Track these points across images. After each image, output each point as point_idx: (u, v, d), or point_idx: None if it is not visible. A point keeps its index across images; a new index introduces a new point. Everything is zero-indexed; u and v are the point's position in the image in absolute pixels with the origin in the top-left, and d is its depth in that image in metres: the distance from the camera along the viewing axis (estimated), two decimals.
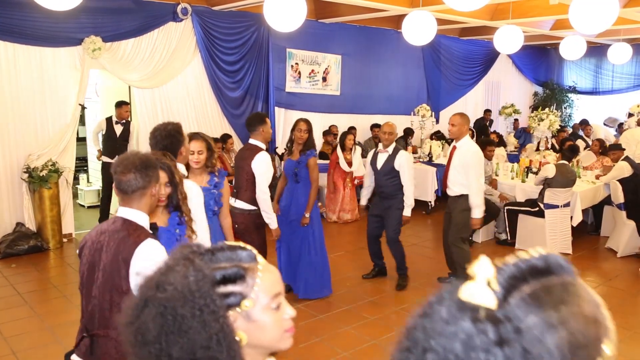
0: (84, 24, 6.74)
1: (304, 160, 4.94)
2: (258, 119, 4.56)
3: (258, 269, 1.03)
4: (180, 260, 0.96)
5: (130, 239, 2.11)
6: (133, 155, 2.19)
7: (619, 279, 6.02)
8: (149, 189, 2.17)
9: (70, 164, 7.00)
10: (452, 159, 5.35)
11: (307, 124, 4.96)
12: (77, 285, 5.48)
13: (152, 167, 2.19)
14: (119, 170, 2.14)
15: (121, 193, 2.17)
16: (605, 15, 5.27)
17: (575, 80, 14.50)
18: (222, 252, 1.02)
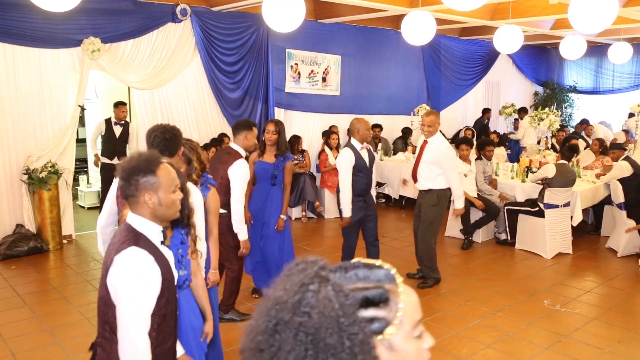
0: (83, 25, 6.75)
1: (281, 163, 4.90)
2: (245, 125, 4.50)
3: (399, 292, 0.90)
4: (314, 278, 0.84)
5: (117, 246, 2.01)
6: (127, 159, 2.08)
7: (619, 279, 6.01)
8: (139, 197, 2.02)
9: (70, 165, 7.01)
10: (422, 154, 5.47)
11: (276, 125, 4.91)
12: (76, 286, 5.52)
13: (142, 173, 2.01)
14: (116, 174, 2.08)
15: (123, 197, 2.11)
16: (605, 15, 5.25)
17: (576, 80, 14.47)
18: (356, 270, 0.89)
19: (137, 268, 1.94)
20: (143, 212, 2.05)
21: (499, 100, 13.43)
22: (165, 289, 2.02)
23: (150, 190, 2.02)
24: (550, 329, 4.69)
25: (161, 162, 2.07)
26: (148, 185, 2.01)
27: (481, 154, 7.41)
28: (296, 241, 7.19)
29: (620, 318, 4.97)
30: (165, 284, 2.02)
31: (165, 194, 2.05)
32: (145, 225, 2.06)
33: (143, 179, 2.00)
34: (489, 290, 5.56)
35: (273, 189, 4.98)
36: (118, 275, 1.94)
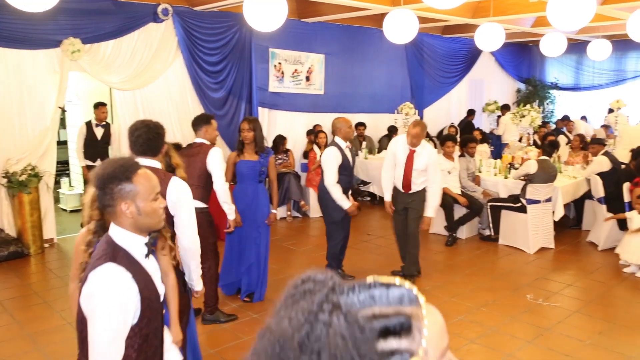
0: (63, 25, 6.67)
1: (266, 159, 4.93)
2: (203, 120, 4.57)
3: (423, 315, 0.76)
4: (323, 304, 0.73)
5: (93, 261, 1.87)
6: (102, 166, 1.95)
7: (599, 272, 6.09)
8: (116, 207, 1.89)
9: (50, 168, 6.92)
10: (413, 163, 5.42)
11: (249, 122, 4.89)
12: (58, 291, 5.46)
13: (117, 180, 1.88)
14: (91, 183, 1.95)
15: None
16: (583, 12, 5.32)
17: (557, 77, 14.64)
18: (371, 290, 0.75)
19: (111, 287, 1.80)
20: (123, 223, 1.92)
21: (482, 97, 13.53)
22: (146, 308, 1.89)
23: (128, 199, 1.88)
24: (532, 322, 4.75)
25: (139, 168, 1.93)
26: (124, 194, 1.88)
27: (464, 151, 7.47)
28: (281, 241, 7.21)
29: (601, 310, 5.04)
30: (146, 303, 1.89)
31: (145, 202, 1.92)
32: (126, 237, 1.92)
33: (118, 187, 1.87)
34: (473, 286, 5.61)
35: (260, 186, 5.00)
36: (90, 294, 1.81)
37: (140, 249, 1.95)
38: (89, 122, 7.74)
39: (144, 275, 1.92)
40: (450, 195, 7.06)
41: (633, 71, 13.26)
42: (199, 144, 4.49)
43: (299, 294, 0.77)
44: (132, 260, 1.89)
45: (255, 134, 4.87)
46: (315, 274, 0.80)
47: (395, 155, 5.54)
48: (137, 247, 1.95)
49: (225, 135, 8.55)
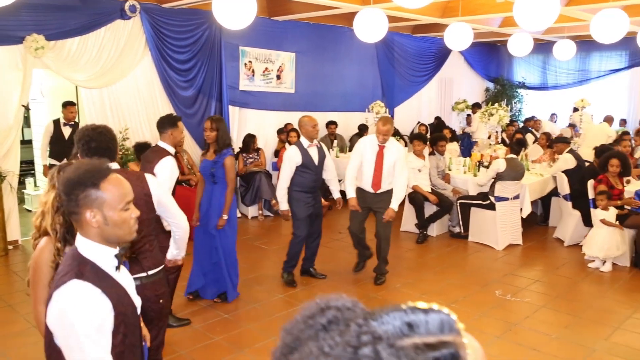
0: (25, 21, 6.49)
1: (220, 160, 4.78)
2: (168, 122, 4.31)
3: (465, 344, 0.68)
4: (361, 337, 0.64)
5: (58, 278, 1.72)
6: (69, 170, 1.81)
7: (565, 267, 6.23)
8: (81, 215, 1.74)
9: (14, 168, 6.74)
10: (383, 160, 5.41)
11: (212, 122, 4.81)
12: (23, 293, 5.31)
13: (82, 186, 1.73)
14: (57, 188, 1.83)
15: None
16: (547, 13, 5.44)
17: (524, 76, 14.91)
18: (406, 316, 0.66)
19: (79, 306, 1.64)
20: (89, 233, 1.77)
21: (452, 96, 13.71)
22: (121, 323, 1.75)
23: (93, 207, 1.73)
24: (501, 318, 4.82)
25: (109, 174, 1.77)
26: (90, 201, 1.73)
27: (434, 149, 7.54)
28: (253, 240, 7.17)
29: (567, 305, 5.15)
30: (120, 318, 1.75)
31: (113, 211, 1.76)
32: (94, 249, 1.77)
33: (84, 194, 1.72)
34: (443, 283, 5.67)
35: (215, 187, 4.85)
36: (56, 315, 1.66)
37: (109, 261, 1.80)
38: (57, 120, 7.55)
39: (117, 288, 1.78)
40: (420, 193, 7.13)
41: (597, 71, 13.60)
42: (160, 149, 4.22)
43: (320, 325, 0.69)
44: (101, 274, 1.74)
45: (218, 134, 4.77)
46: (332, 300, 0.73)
47: (363, 155, 5.49)
48: (106, 259, 1.79)
49: (195, 135, 8.46)
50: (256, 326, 4.61)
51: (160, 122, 4.37)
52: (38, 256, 2.17)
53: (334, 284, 5.58)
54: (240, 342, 4.31)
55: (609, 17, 6.53)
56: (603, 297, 5.37)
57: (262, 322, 4.69)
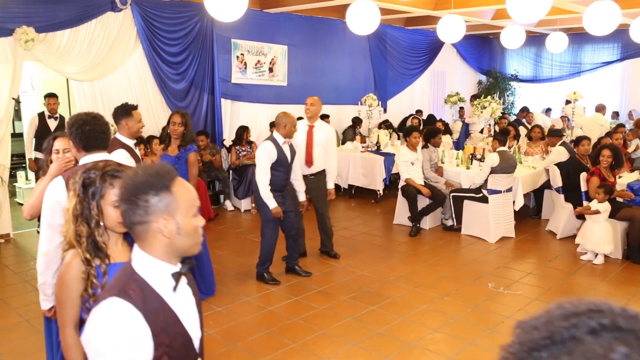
0: (15, 13, 6.42)
1: (183, 156, 4.70)
2: (122, 112, 4.06)
3: None
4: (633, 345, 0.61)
5: (104, 292, 1.55)
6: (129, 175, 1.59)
7: (558, 260, 6.26)
8: (150, 224, 1.52)
9: (5, 161, 6.69)
10: (312, 138, 5.79)
11: (182, 117, 4.71)
12: (15, 287, 5.28)
13: (153, 190, 1.51)
14: (118, 195, 1.59)
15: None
16: (540, 5, 5.44)
17: (517, 69, 14.94)
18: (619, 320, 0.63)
19: (110, 329, 1.44)
20: (154, 246, 1.54)
21: (445, 89, 13.71)
22: (162, 356, 1.50)
23: (166, 214, 1.52)
24: (494, 311, 4.84)
25: (176, 175, 1.58)
26: (162, 207, 1.52)
27: (430, 142, 7.52)
28: (246, 233, 7.16)
29: (559, 297, 5.14)
30: (163, 350, 1.50)
31: (185, 217, 1.55)
32: (152, 265, 1.55)
33: (155, 199, 1.51)
34: (436, 276, 5.68)
35: None
36: (86, 335, 1.49)
37: (165, 280, 1.56)
38: (41, 113, 7.48)
39: (166, 314, 1.53)
40: (413, 186, 7.13)
41: (589, 64, 13.64)
42: (115, 141, 3.91)
43: (588, 327, 0.66)
44: (150, 296, 1.51)
45: (185, 129, 4.70)
46: (574, 305, 0.70)
47: (297, 139, 5.63)
48: (162, 278, 1.56)
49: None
50: (249, 319, 4.60)
51: (114, 112, 4.16)
52: (63, 272, 2.01)
53: (327, 277, 5.58)
54: (234, 336, 4.31)
55: (602, 9, 6.54)
56: (595, 290, 5.40)
57: (255, 316, 4.69)
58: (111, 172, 2.05)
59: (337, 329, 4.43)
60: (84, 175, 2.04)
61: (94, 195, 2.02)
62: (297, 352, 4.07)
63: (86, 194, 2.02)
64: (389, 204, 8.55)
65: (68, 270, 2.00)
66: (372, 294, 5.17)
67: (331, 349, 4.10)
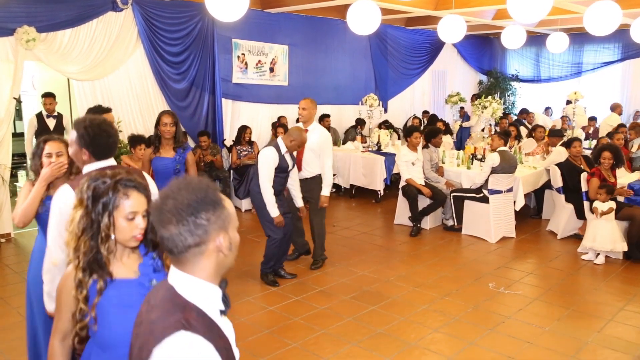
0: (16, 13, 6.42)
1: (182, 156, 4.66)
2: (95, 113, 3.91)
3: None
4: None
5: (159, 326, 1.35)
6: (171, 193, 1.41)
7: (558, 260, 6.25)
8: (209, 244, 1.40)
9: (6, 161, 6.69)
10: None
11: (173, 117, 4.64)
12: (15, 286, 5.29)
13: (211, 207, 1.40)
14: (156, 219, 1.41)
15: (167, 252, 1.44)
16: (540, 5, 5.44)
17: (518, 69, 14.94)
18: None
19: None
20: (205, 268, 1.41)
21: (445, 89, 13.71)
22: None
23: (223, 230, 1.41)
24: (494, 310, 4.84)
25: (217, 187, 1.45)
26: (220, 224, 1.40)
27: (430, 142, 7.52)
28: (246, 233, 7.16)
29: (559, 297, 5.18)
30: None
31: (234, 231, 1.47)
32: (201, 289, 1.41)
33: (214, 215, 1.39)
34: (436, 276, 5.68)
35: None
36: None
37: (216, 304, 1.45)
38: (39, 113, 7.51)
39: (224, 341, 1.43)
40: (414, 186, 7.13)
41: (590, 64, 13.63)
42: None
43: None
44: (209, 324, 1.39)
45: (176, 129, 4.65)
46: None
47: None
48: (214, 302, 1.44)
49: (188, 128, 8.43)
50: (250, 319, 4.61)
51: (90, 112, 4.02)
52: (62, 283, 1.93)
53: (328, 277, 5.58)
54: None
55: (602, 9, 6.54)
56: (596, 290, 5.40)
57: (256, 315, 4.70)
58: (125, 182, 1.88)
59: (337, 328, 4.43)
60: (94, 184, 1.87)
61: (105, 207, 1.85)
62: (298, 351, 4.07)
63: (96, 205, 1.85)
64: (390, 204, 8.55)
65: (65, 282, 1.91)
66: (373, 293, 5.17)
67: (331, 348, 4.10)
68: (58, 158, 2.98)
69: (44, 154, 3.00)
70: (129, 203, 1.86)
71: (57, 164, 2.92)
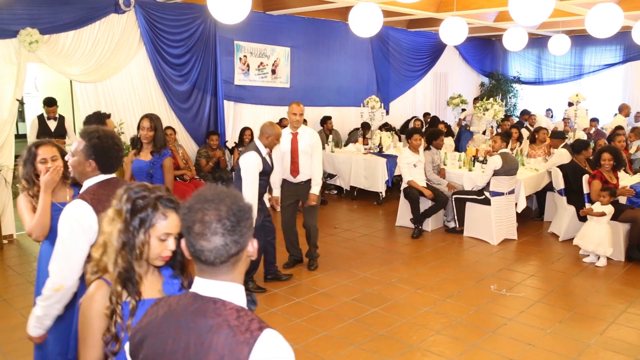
0: (19, 15, 6.45)
1: (158, 161, 4.62)
2: (96, 120, 3.89)
3: None
4: None
5: (235, 335, 1.35)
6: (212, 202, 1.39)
7: (560, 262, 6.25)
8: (245, 250, 1.43)
9: (9, 162, 6.71)
10: (298, 146, 5.60)
11: (151, 121, 4.59)
12: (18, 287, 5.30)
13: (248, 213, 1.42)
14: (198, 232, 1.38)
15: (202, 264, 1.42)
16: (542, 7, 5.44)
17: (519, 71, 14.94)
18: None
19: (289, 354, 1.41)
20: (239, 272, 1.44)
21: (447, 91, 13.72)
22: None
23: (251, 236, 1.45)
24: (496, 313, 4.84)
25: None
26: (251, 230, 1.44)
27: (432, 144, 7.52)
28: None
29: (561, 299, 5.18)
30: None
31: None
32: (241, 293, 1.45)
33: (249, 223, 1.42)
34: (438, 278, 5.68)
35: None
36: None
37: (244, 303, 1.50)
38: (41, 115, 7.53)
39: None
40: (416, 188, 7.14)
41: (591, 66, 13.64)
42: None
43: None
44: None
45: (155, 133, 4.60)
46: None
47: (280, 146, 5.55)
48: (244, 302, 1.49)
49: (191, 129, 8.46)
50: None
51: (87, 121, 3.89)
52: (86, 307, 1.80)
53: (330, 279, 5.59)
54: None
55: (604, 11, 6.54)
56: (598, 292, 5.39)
57: None
58: (165, 201, 1.82)
59: (339, 330, 4.44)
60: (134, 197, 1.80)
61: (142, 223, 1.77)
62: (300, 353, 4.07)
63: (133, 220, 1.77)
64: (391, 206, 8.55)
65: (91, 304, 1.79)
66: (375, 295, 5.17)
67: (333, 350, 4.11)
68: (54, 162, 2.89)
69: (37, 159, 2.91)
70: (165, 224, 1.80)
71: (55, 168, 2.83)
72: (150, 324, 1.47)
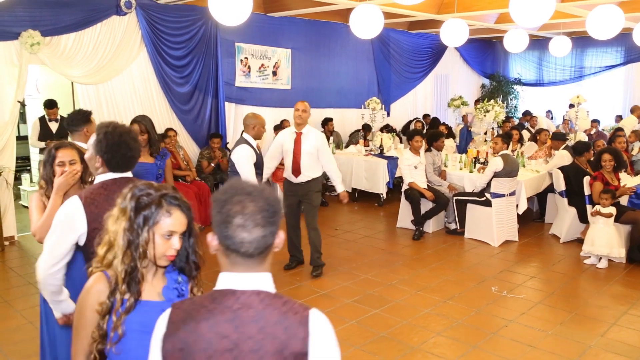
0: (21, 17, 6.46)
1: (162, 162, 4.64)
2: (81, 118, 3.68)
3: None
4: None
5: (289, 319, 1.41)
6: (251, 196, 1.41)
7: (561, 264, 6.25)
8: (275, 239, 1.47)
9: (10, 164, 6.72)
10: (301, 146, 5.54)
11: (141, 125, 4.51)
12: (19, 289, 5.31)
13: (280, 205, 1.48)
14: (239, 224, 1.39)
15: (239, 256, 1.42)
16: (543, 9, 5.45)
17: (520, 72, 14.94)
18: None
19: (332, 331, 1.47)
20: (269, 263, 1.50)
21: (448, 92, 13.72)
22: None
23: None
24: (497, 314, 4.84)
25: None
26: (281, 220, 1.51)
27: (433, 146, 7.52)
28: None
29: (562, 301, 5.18)
30: None
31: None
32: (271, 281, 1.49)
33: (280, 215, 1.49)
34: (439, 279, 5.68)
35: None
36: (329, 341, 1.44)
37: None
38: (42, 117, 7.55)
39: None
40: (416, 190, 7.14)
41: (592, 67, 13.63)
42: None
43: None
44: None
45: (149, 135, 4.55)
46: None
47: (283, 145, 5.61)
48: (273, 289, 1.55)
49: (192, 131, 8.46)
50: None
51: (71, 119, 3.74)
52: (82, 298, 1.82)
53: (331, 280, 5.59)
54: None
55: (605, 13, 6.54)
56: (599, 294, 5.39)
57: None
58: (170, 198, 1.80)
59: (340, 332, 4.44)
60: (138, 194, 1.79)
61: (146, 221, 1.76)
62: None
63: (137, 217, 1.76)
64: (392, 207, 8.55)
65: (87, 296, 1.80)
66: (376, 297, 5.17)
67: None
68: (71, 166, 2.87)
69: (56, 162, 2.90)
70: (170, 221, 1.78)
71: (72, 172, 2.82)
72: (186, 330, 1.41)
